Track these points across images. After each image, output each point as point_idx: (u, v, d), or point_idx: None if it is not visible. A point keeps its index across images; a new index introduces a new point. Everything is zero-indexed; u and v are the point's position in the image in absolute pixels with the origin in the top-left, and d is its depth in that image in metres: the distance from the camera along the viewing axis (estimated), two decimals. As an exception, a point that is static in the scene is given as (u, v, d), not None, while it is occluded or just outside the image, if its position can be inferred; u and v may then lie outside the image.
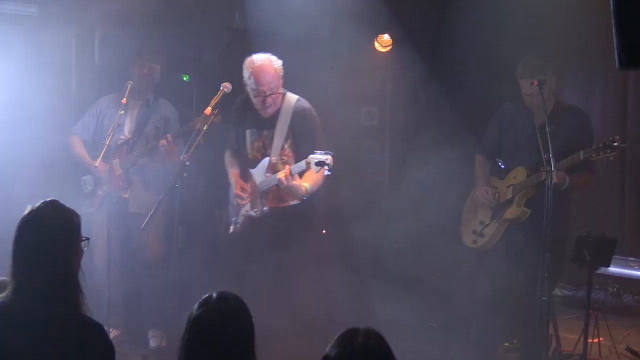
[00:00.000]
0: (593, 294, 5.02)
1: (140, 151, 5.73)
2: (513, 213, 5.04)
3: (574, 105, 5.28)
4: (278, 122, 5.00)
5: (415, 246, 6.39)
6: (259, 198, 5.02)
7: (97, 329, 2.76)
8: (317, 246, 5.14)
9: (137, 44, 5.85)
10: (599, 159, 4.73)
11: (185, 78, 6.49)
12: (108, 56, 6.24)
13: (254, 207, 5.04)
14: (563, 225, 5.01)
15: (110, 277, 5.45)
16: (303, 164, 4.69)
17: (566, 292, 7.05)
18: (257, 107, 5.01)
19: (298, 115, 5.00)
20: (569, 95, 6.75)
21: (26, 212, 2.81)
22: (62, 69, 5.84)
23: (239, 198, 5.13)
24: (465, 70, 7.18)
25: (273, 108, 4.98)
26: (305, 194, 4.84)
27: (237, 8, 6.64)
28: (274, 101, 4.96)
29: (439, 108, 6.89)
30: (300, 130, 5.00)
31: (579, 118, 5.06)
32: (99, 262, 5.56)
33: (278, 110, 5.00)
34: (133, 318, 5.96)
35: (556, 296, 5.94)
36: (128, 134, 5.75)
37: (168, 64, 6.28)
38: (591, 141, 4.90)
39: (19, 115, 5.60)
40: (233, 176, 5.23)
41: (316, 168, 4.59)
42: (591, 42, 7.45)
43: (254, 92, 4.95)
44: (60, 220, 2.82)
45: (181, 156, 4.99)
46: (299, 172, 4.80)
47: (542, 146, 4.67)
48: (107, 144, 5.37)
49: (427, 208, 6.65)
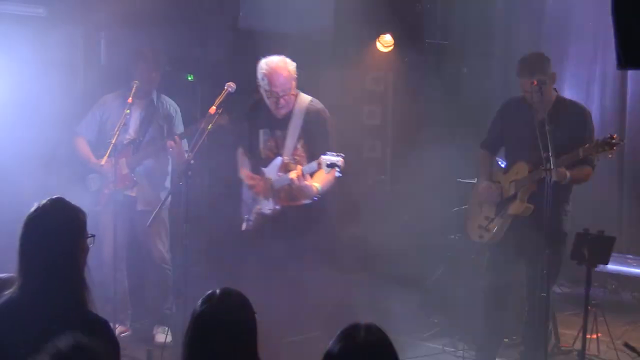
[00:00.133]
0: (592, 291, 4.99)
1: (146, 151, 5.74)
2: (517, 209, 5.04)
3: (575, 101, 5.26)
4: (291, 123, 5.00)
5: (416, 242, 6.39)
6: (271, 196, 5.03)
7: (102, 325, 2.76)
8: (328, 244, 5.14)
9: (143, 44, 5.85)
10: (598, 156, 4.74)
11: (190, 78, 6.49)
12: (114, 56, 6.24)
13: (266, 206, 5.06)
14: (564, 219, 5.02)
15: (116, 274, 5.45)
16: (315, 165, 4.71)
17: (565, 290, 7.05)
18: (271, 108, 5.01)
19: (311, 116, 5.00)
20: (568, 94, 6.72)
21: (32, 210, 2.82)
22: (69, 69, 5.84)
23: (250, 188, 5.14)
24: (466, 69, 7.18)
25: (286, 109, 4.99)
26: (316, 194, 4.87)
27: (242, 9, 6.63)
28: (287, 102, 4.96)
29: (440, 107, 6.89)
30: (312, 130, 5.00)
31: (580, 114, 5.05)
32: (107, 259, 5.56)
33: (291, 110, 5.00)
34: (139, 314, 5.97)
35: (555, 293, 5.92)
36: (133, 134, 5.75)
37: (173, 64, 6.28)
38: (592, 137, 4.90)
39: (27, 114, 5.60)
40: (243, 173, 5.23)
41: (327, 169, 4.62)
42: (591, 42, 7.46)
43: (268, 93, 4.96)
44: (66, 217, 2.83)
45: (186, 155, 4.99)
46: (311, 172, 4.81)
47: (542, 144, 4.67)
48: (113, 143, 5.36)
49: (428, 205, 6.66)
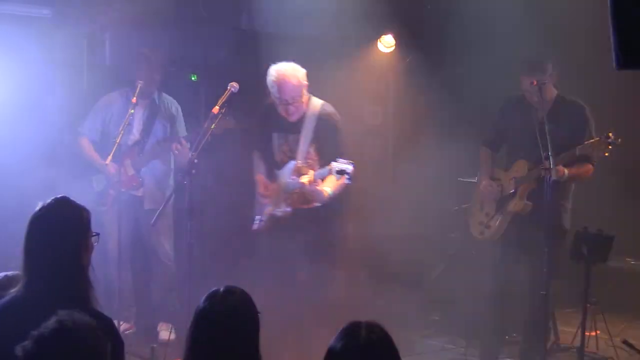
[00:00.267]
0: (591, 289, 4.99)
1: (152, 153, 5.75)
2: (516, 206, 5.05)
3: (576, 99, 5.26)
4: (303, 127, 5.01)
5: (417, 241, 6.38)
6: (284, 199, 5.06)
7: (107, 323, 2.75)
8: (337, 245, 5.16)
9: (147, 45, 5.84)
10: (595, 154, 4.73)
11: (193, 78, 6.51)
12: (118, 56, 6.24)
13: (279, 208, 5.08)
14: (564, 216, 5.01)
15: (120, 272, 5.44)
16: (326, 171, 4.75)
17: (564, 287, 7.03)
18: (281, 114, 5.03)
19: (322, 120, 5.02)
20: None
21: (37, 209, 2.82)
22: (74, 69, 5.83)
23: (262, 197, 5.17)
24: (467, 69, 7.15)
25: (296, 115, 5.00)
26: (326, 198, 4.92)
27: (245, 9, 6.63)
28: (297, 109, 4.98)
29: (441, 107, 6.87)
30: (324, 134, 5.02)
31: (580, 112, 5.05)
32: (112, 257, 5.56)
33: (303, 115, 5.02)
34: (143, 311, 5.97)
35: (555, 290, 5.90)
36: (138, 135, 5.75)
37: (177, 64, 6.28)
38: (592, 135, 4.89)
39: (31, 114, 5.59)
40: (257, 178, 5.25)
41: (337, 176, 4.68)
42: (590, 42, 7.44)
43: (277, 100, 4.98)
44: (70, 216, 2.82)
45: (189, 154, 4.99)
46: (322, 177, 4.86)
47: (542, 143, 4.67)
48: (118, 143, 5.36)
49: (429, 204, 6.65)
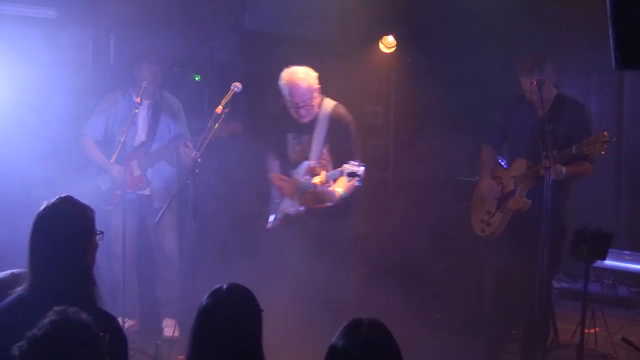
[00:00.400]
0: (590, 286, 4.98)
1: (158, 154, 5.77)
2: (515, 204, 5.05)
3: (575, 98, 5.26)
4: (316, 128, 5.07)
5: (418, 239, 6.37)
6: (297, 198, 5.11)
7: (110, 321, 2.75)
8: (349, 245, 5.19)
9: (151, 45, 5.84)
10: (591, 153, 4.73)
11: (197, 78, 6.51)
12: (123, 57, 6.23)
13: (291, 206, 5.14)
14: (563, 213, 5.00)
15: (125, 270, 5.43)
16: (337, 173, 4.81)
17: (564, 285, 7.03)
18: (293, 116, 5.09)
19: (334, 121, 5.07)
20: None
21: (42, 208, 2.82)
22: (79, 70, 5.82)
23: (277, 187, 5.23)
24: (467, 69, 7.14)
25: (308, 117, 5.07)
26: (338, 199, 4.97)
27: (248, 11, 6.63)
28: (308, 112, 5.04)
29: (441, 107, 6.86)
30: (336, 135, 5.07)
31: (580, 111, 5.04)
32: (117, 255, 5.55)
33: (316, 116, 5.08)
34: (147, 308, 5.97)
35: (554, 288, 5.90)
36: (144, 136, 5.76)
37: (181, 65, 6.27)
38: (591, 134, 4.89)
39: (37, 114, 5.58)
40: (272, 175, 5.30)
41: (348, 178, 4.73)
42: (589, 41, 7.42)
43: (288, 103, 5.06)
44: (74, 215, 2.82)
45: (193, 153, 4.99)
46: (334, 179, 4.91)
47: (541, 142, 4.66)
48: (123, 142, 5.35)
49: (430, 203, 6.64)
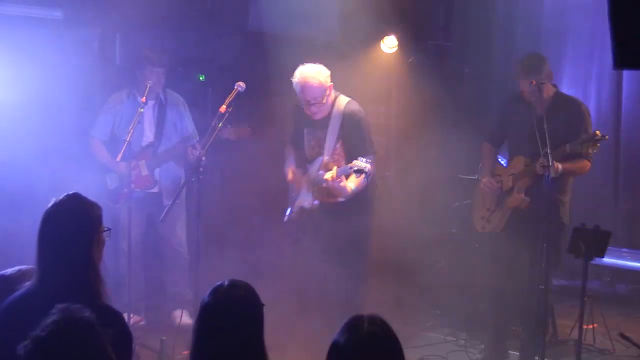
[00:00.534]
0: (588, 283, 4.98)
1: (166, 155, 5.79)
2: (514, 201, 5.08)
3: (573, 97, 5.28)
4: (330, 124, 5.11)
5: (418, 236, 6.37)
6: (312, 193, 5.16)
7: (116, 317, 2.76)
8: (362, 239, 5.20)
9: (156, 45, 5.85)
10: (585, 151, 4.77)
11: (201, 78, 6.53)
12: (129, 57, 6.24)
13: (306, 200, 5.19)
14: (561, 210, 5.01)
15: (131, 266, 5.44)
16: (347, 168, 4.85)
17: (563, 282, 7.02)
18: (306, 112, 5.13)
19: (347, 117, 5.10)
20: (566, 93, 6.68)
21: (50, 205, 2.83)
22: (85, 70, 5.83)
23: (291, 181, 5.29)
24: (468, 69, 7.15)
25: (320, 114, 5.11)
26: (350, 194, 5.00)
27: (252, 11, 6.64)
28: (319, 109, 5.08)
29: (442, 106, 6.86)
30: (349, 131, 5.10)
31: (578, 110, 5.06)
32: (124, 252, 5.56)
33: (330, 112, 5.12)
34: (153, 304, 5.98)
35: (553, 285, 5.90)
36: (151, 136, 5.78)
37: (185, 65, 6.28)
38: (588, 131, 4.92)
39: (43, 114, 5.59)
40: (287, 168, 5.35)
41: (357, 174, 4.77)
42: (588, 42, 7.42)
43: (300, 100, 5.10)
44: (81, 212, 2.84)
45: (197, 152, 5.01)
46: (346, 174, 4.94)
47: (540, 140, 4.68)
48: (128, 141, 5.35)
49: (431, 200, 6.64)
